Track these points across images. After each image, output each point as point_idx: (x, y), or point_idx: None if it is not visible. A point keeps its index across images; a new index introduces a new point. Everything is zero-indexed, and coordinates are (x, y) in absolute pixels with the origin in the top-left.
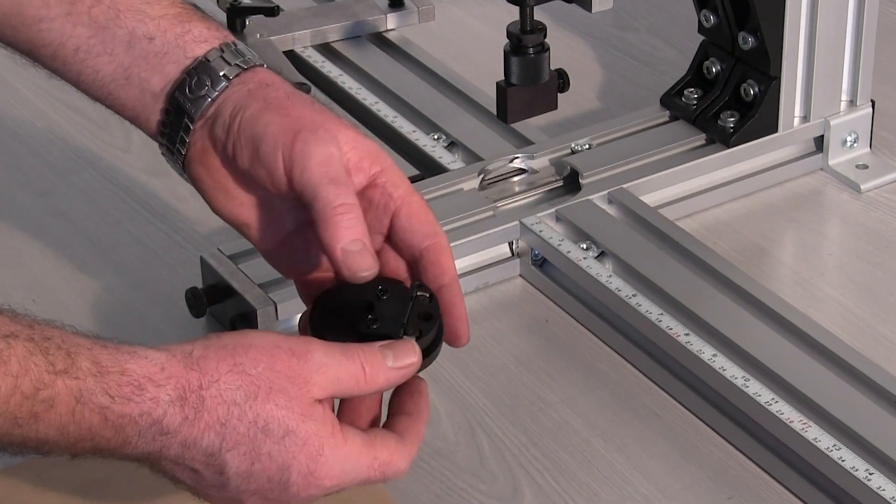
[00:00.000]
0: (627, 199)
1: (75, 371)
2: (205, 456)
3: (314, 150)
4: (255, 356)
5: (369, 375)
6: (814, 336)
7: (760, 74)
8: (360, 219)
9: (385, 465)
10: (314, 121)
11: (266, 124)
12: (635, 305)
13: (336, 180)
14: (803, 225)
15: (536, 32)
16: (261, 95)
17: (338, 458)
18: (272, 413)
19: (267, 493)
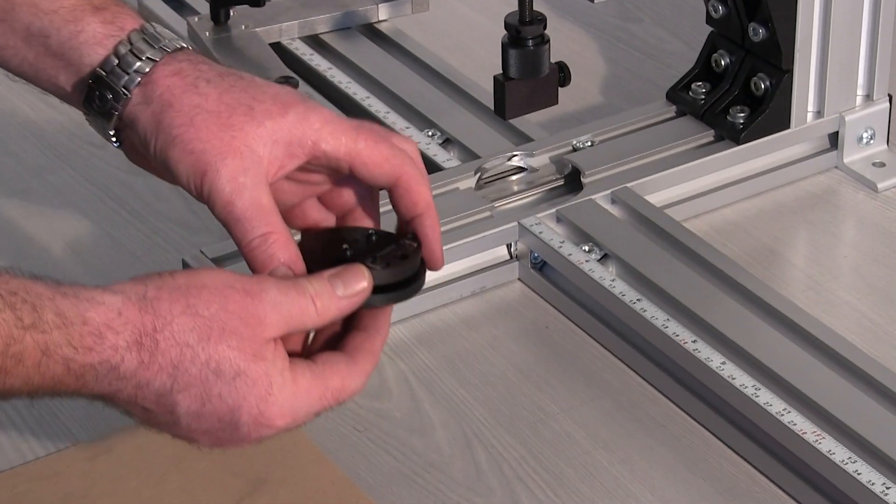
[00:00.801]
0: (632, 199)
1: (42, 325)
2: (156, 396)
3: (218, 194)
4: (207, 297)
5: (321, 309)
6: (828, 343)
7: (772, 67)
8: (278, 244)
9: (337, 391)
10: (219, 150)
11: (175, 163)
12: (640, 311)
13: (241, 217)
14: (817, 226)
15: (536, 23)
16: (166, 124)
17: (286, 397)
18: (224, 354)
19: (217, 433)
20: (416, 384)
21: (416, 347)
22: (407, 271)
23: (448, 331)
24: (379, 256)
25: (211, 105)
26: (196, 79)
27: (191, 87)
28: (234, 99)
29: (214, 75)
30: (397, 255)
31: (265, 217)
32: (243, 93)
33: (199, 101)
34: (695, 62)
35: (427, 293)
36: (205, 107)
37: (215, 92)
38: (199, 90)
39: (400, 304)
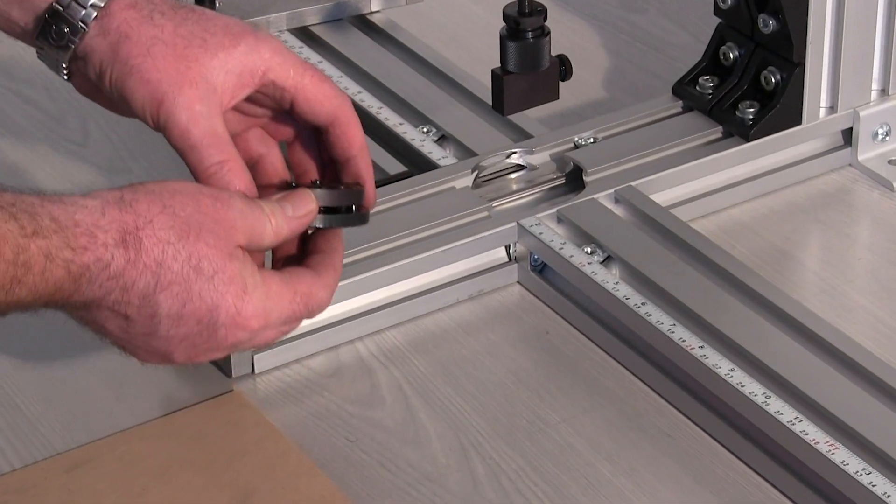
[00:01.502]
0: (636, 199)
1: (42, 231)
2: (140, 298)
3: (174, 121)
4: (182, 200)
5: (276, 227)
6: (841, 349)
7: (782, 61)
8: (233, 171)
9: (306, 296)
10: (176, 80)
11: (131, 93)
12: (645, 315)
13: (197, 145)
14: (830, 226)
15: (536, 15)
16: (123, 55)
17: (260, 297)
18: (203, 252)
19: (195, 339)
20: (410, 392)
21: (411, 354)
22: (352, 197)
23: (444, 336)
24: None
25: (167, 37)
26: (151, 12)
27: (146, 20)
28: (189, 31)
29: (168, 8)
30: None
31: (221, 145)
32: (196, 25)
33: (155, 33)
34: (702, 55)
35: (422, 297)
36: (161, 38)
37: (170, 24)
38: (155, 22)
39: (394, 311)
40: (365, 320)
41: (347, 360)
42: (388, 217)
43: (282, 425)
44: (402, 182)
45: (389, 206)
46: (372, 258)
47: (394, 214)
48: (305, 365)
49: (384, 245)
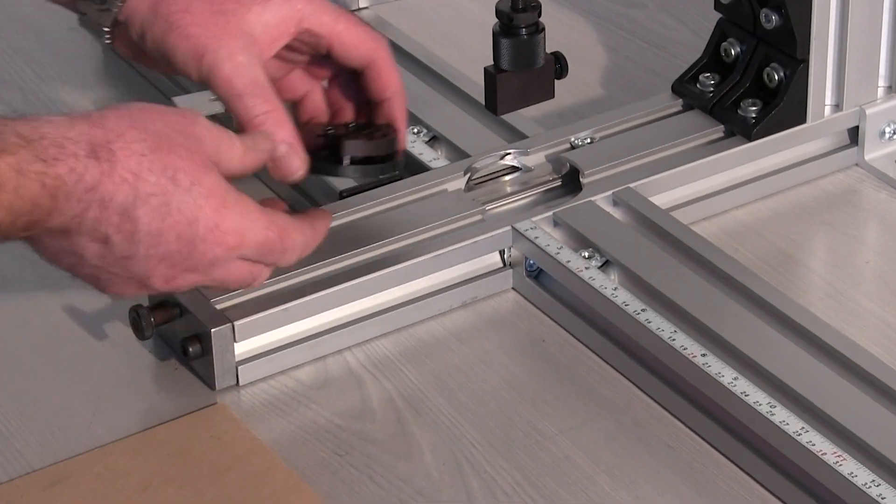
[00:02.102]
0: (635, 201)
1: (8, 147)
2: (119, 215)
3: (218, 72)
4: (150, 115)
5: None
6: (849, 356)
7: (786, 57)
8: (279, 121)
9: (282, 229)
10: (215, 33)
11: (172, 49)
12: (644, 322)
13: (242, 94)
14: (836, 228)
15: (530, 10)
16: (163, 13)
17: (239, 211)
18: (178, 164)
19: (174, 258)
20: (401, 404)
21: (402, 364)
22: (385, 147)
23: (436, 345)
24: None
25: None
26: None
27: None
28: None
29: None
30: (379, 135)
31: (265, 94)
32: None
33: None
34: (703, 52)
35: (413, 304)
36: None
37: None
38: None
39: (383, 320)
40: (354, 329)
41: (336, 371)
42: (377, 221)
43: (268, 439)
44: (392, 185)
45: (378, 209)
46: (361, 264)
47: (383, 219)
48: (292, 376)
49: (373, 251)
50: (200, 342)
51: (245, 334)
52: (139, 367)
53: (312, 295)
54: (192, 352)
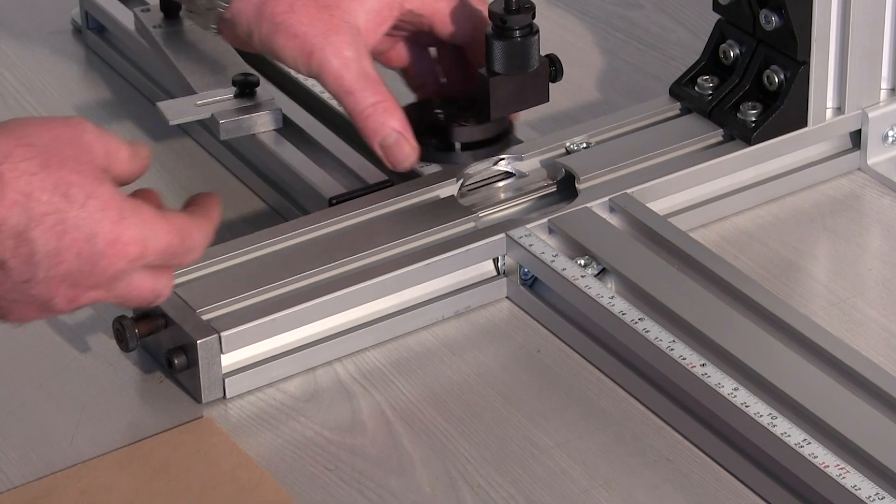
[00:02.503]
0: (632, 207)
1: None
2: (14, 239)
3: (327, 70)
4: (35, 130)
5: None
6: (853, 366)
7: (786, 59)
8: (388, 110)
9: (182, 231)
10: (321, 30)
11: (280, 49)
12: (642, 331)
13: (352, 89)
14: (839, 235)
15: (524, 12)
16: (268, 13)
17: (138, 219)
18: (70, 178)
19: (76, 277)
20: (393, 417)
21: (393, 376)
22: (495, 128)
23: (428, 356)
24: (471, 117)
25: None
26: None
27: None
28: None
29: None
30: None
31: (374, 86)
32: None
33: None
34: (701, 53)
35: (404, 314)
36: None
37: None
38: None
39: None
40: (344, 340)
41: (325, 383)
42: (367, 229)
43: (256, 454)
44: (383, 191)
45: (369, 217)
46: (350, 273)
47: (373, 226)
48: (280, 388)
49: (363, 259)
50: (186, 354)
51: (232, 345)
52: (123, 380)
53: (301, 305)
54: (177, 364)
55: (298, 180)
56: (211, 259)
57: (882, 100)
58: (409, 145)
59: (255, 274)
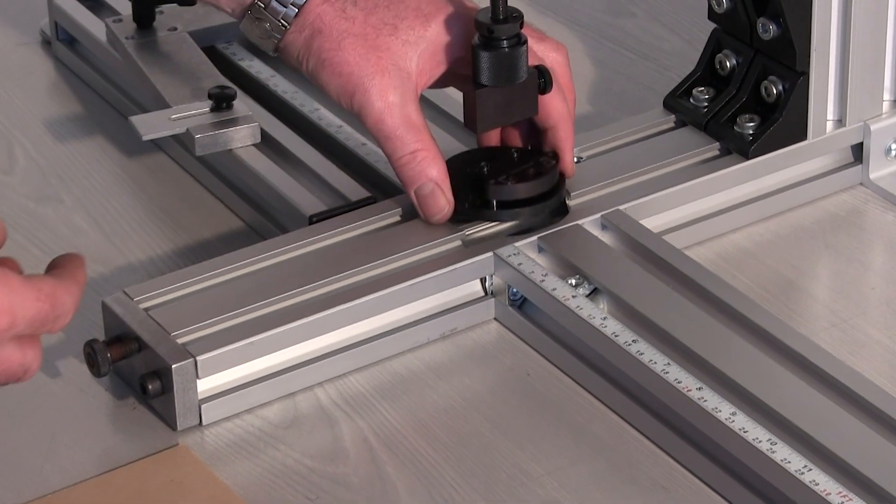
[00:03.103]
0: (625, 224)
1: None
2: None
3: (367, 112)
4: None
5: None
6: (855, 389)
7: (785, 69)
8: (427, 159)
9: (51, 296)
10: (367, 71)
11: (325, 85)
12: (636, 354)
13: (390, 136)
14: (841, 252)
15: (511, 21)
16: (315, 49)
17: (5, 289)
18: None
19: None
20: (376, 444)
21: (377, 401)
22: (538, 187)
23: (413, 381)
24: (513, 174)
25: (357, 28)
26: (344, 3)
27: (339, 13)
28: (379, 20)
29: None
30: (531, 173)
31: (415, 134)
32: (387, 11)
33: (346, 27)
34: (696, 64)
35: (388, 337)
36: (352, 31)
37: (362, 14)
38: (347, 14)
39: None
40: (325, 364)
41: (306, 409)
42: (348, 248)
43: (233, 483)
44: (365, 209)
45: (350, 235)
46: (332, 294)
47: (355, 245)
48: (259, 415)
49: (345, 280)
50: (160, 379)
51: (208, 370)
52: (94, 407)
53: (280, 328)
54: (151, 389)
55: (277, 197)
56: (186, 280)
57: (885, 111)
58: (445, 198)
59: (233, 295)
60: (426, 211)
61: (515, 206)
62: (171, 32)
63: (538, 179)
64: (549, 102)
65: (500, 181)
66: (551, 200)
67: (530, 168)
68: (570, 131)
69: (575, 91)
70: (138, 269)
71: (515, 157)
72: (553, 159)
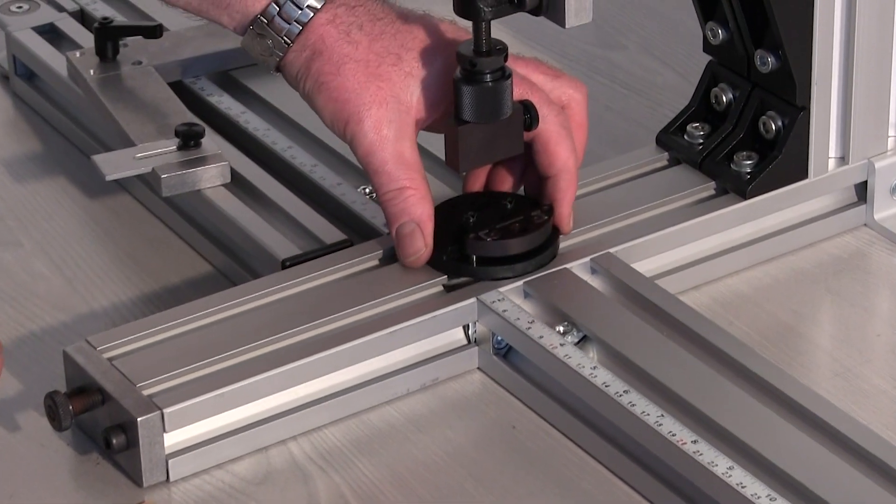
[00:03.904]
0: (616, 268)
1: None
2: None
3: (358, 143)
4: None
5: None
6: (859, 442)
7: (784, 104)
8: (413, 199)
9: None
10: (364, 100)
11: (321, 109)
12: (628, 405)
13: (378, 170)
14: (844, 297)
15: (495, 54)
16: (314, 71)
17: None
18: None
19: None
20: (353, 501)
21: (354, 455)
22: (520, 245)
23: (392, 434)
24: (497, 228)
25: (360, 54)
26: (349, 26)
27: (343, 36)
28: (384, 47)
29: (368, 20)
30: (516, 228)
31: (405, 171)
32: (393, 40)
33: (348, 51)
34: (691, 98)
35: (366, 388)
36: (353, 56)
37: (366, 40)
38: (351, 38)
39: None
40: (299, 417)
41: (279, 464)
42: (324, 294)
43: None
44: (341, 252)
45: (325, 280)
46: (306, 343)
47: (331, 291)
48: (229, 470)
49: (320, 328)
50: (125, 433)
51: (176, 423)
52: (56, 462)
53: (252, 378)
54: (116, 444)
55: (248, 241)
56: (152, 328)
57: (890, 148)
58: (423, 241)
59: (201, 344)
60: (401, 251)
61: (496, 262)
62: (135, 66)
63: (522, 237)
64: (554, 149)
65: (481, 236)
66: (536, 259)
67: (516, 223)
68: (571, 182)
69: (587, 135)
70: (102, 317)
71: (509, 207)
72: (547, 214)
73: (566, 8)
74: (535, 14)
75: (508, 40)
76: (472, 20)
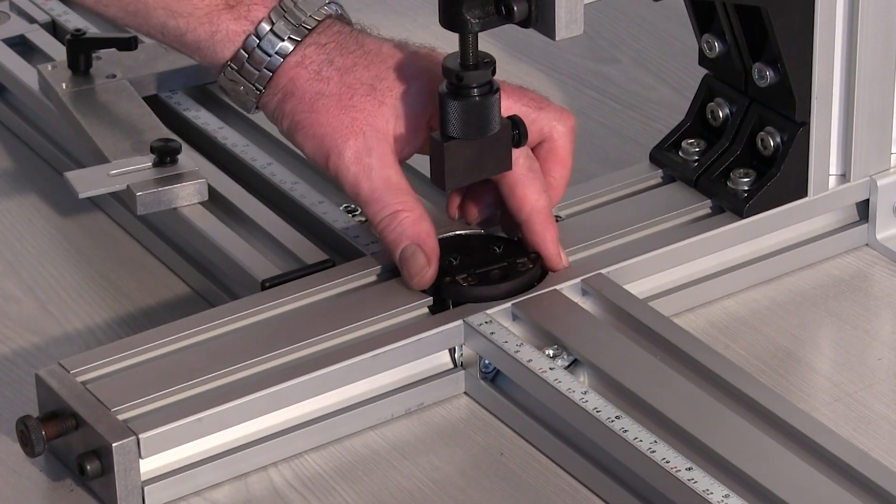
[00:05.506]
0: (608, 289)
1: None
2: None
3: (343, 176)
4: None
5: None
6: (860, 470)
7: (783, 120)
8: (409, 221)
9: None
10: (341, 133)
11: (300, 146)
12: (619, 431)
13: (368, 200)
14: (845, 320)
15: (482, 67)
16: (288, 111)
17: None
18: None
19: None
20: None
21: (336, 483)
22: (495, 292)
23: (376, 461)
24: (476, 273)
25: (332, 89)
26: (320, 64)
27: (313, 76)
28: (356, 79)
29: (339, 55)
30: (496, 275)
31: (394, 196)
32: (366, 71)
33: (320, 88)
34: (686, 114)
35: (349, 413)
36: (325, 92)
37: (337, 74)
38: (322, 76)
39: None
40: (279, 442)
41: (259, 492)
42: (305, 316)
43: None
44: (323, 273)
45: (307, 302)
46: (287, 367)
47: (313, 313)
48: (207, 498)
49: (301, 350)
50: (100, 459)
51: (152, 449)
52: (28, 489)
53: (230, 403)
54: (90, 470)
55: (227, 261)
56: (128, 351)
57: (893, 166)
58: (425, 260)
59: (178, 368)
60: (406, 273)
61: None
62: (109, 80)
63: (499, 284)
64: (522, 192)
65: (458, 280)
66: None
67: (497, 269)
68: (546, 223)
69: (571, 167)
70: (75, 340)
71: (497, 252)
72: (533, 262)
73: (556, 19)
74: (524, 26)
75: (496, 53)
76: (459, 32)
